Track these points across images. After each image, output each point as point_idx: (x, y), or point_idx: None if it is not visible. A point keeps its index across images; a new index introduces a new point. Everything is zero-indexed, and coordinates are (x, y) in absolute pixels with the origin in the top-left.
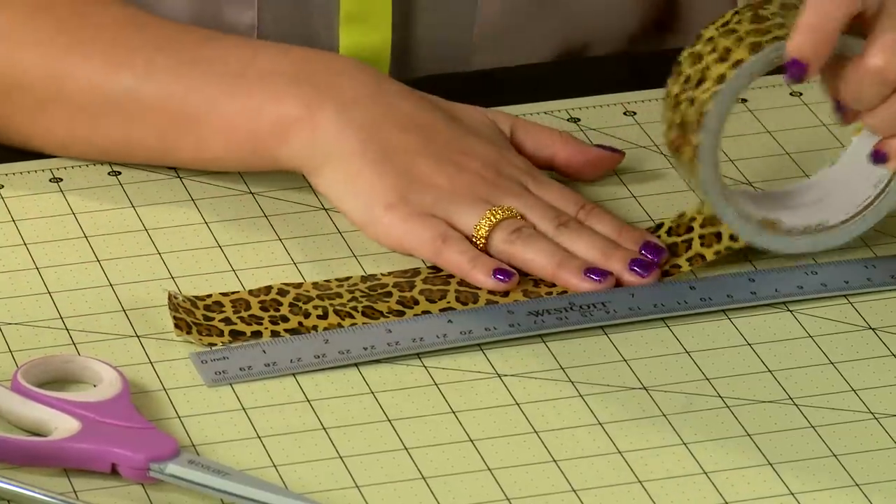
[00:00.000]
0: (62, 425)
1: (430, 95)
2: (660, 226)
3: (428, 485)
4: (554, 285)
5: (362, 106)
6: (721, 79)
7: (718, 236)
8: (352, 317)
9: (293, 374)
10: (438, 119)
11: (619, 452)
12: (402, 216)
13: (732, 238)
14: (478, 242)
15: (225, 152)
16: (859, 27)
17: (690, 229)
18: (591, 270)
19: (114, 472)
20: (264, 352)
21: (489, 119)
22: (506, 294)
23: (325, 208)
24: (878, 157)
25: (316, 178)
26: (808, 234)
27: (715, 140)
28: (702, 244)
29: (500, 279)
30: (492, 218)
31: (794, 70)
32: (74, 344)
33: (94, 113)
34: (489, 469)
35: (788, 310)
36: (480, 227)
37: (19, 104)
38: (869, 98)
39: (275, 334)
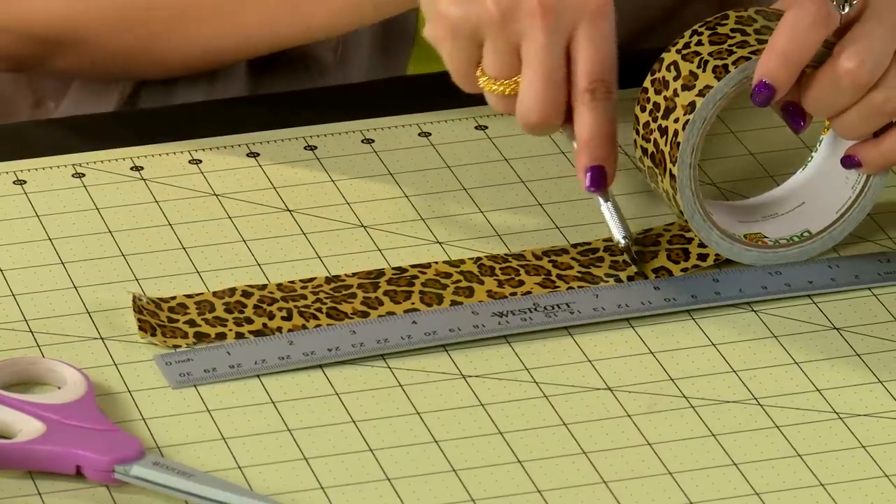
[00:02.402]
0: (26, 427)
1: None
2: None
3: (393, 486)
4: (519, 286)
5: None
6: (691, 107)
7: (686, 253)
8: (316, 318)
9: (258, 376)
10: None
11: (584, 453)
12: None
13: (700, 258)
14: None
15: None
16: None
17: (658, 243)
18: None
19: (78, 474)
20: (229, 353)
21: None
22: (470, 294)
23: (289, 210)
24: (850, 162)
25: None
26: (794, 245)
27: (691, 170)
28: (668, 258)
29: None
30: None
31: (761, 94)
32: (39, 346)
33: (201, 15)
34: (454, 470)
35: (753, 310)
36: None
37: (154, 24)
38: (838, 103)
39: (239, 336)
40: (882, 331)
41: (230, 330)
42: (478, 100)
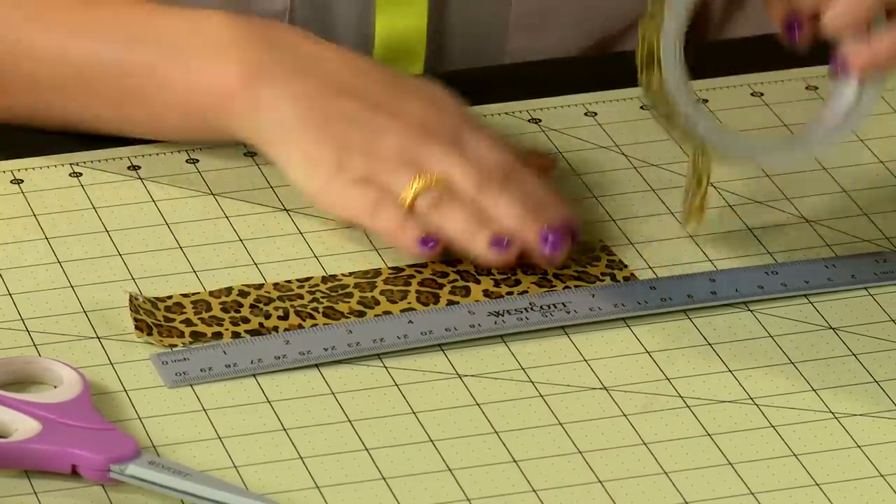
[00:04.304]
0: (22, 426)
1: (373, 59)
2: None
3: (388, 485)
4: (515, 285)
5: (300, 76)
6: None
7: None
8: (312, 317)
9: (254, 375)
10: (374, 82)
11: (580, 452)
12: (341, 185)
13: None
14: (405, 209)
15: (180, 123)
16: None
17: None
18: (497, 241)
19: (74, 473)
20: (225, 353)
21: (434, 85)
22: (467, 294)
23: (286, 209)
24: (842, 66)
25: (265, 150)
26: (782, 149)
27: (677, 25)
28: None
29: (423, 247)
30: (416, 183)
31: None
32: (35, 345)
33: (52, 85)
34: (450, 469)
35: (749, 310)
36: (406, 193)
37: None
38: None
39: (235, 335)
40: (878, 331)
41: (226, 329)
42: (475, 99)
